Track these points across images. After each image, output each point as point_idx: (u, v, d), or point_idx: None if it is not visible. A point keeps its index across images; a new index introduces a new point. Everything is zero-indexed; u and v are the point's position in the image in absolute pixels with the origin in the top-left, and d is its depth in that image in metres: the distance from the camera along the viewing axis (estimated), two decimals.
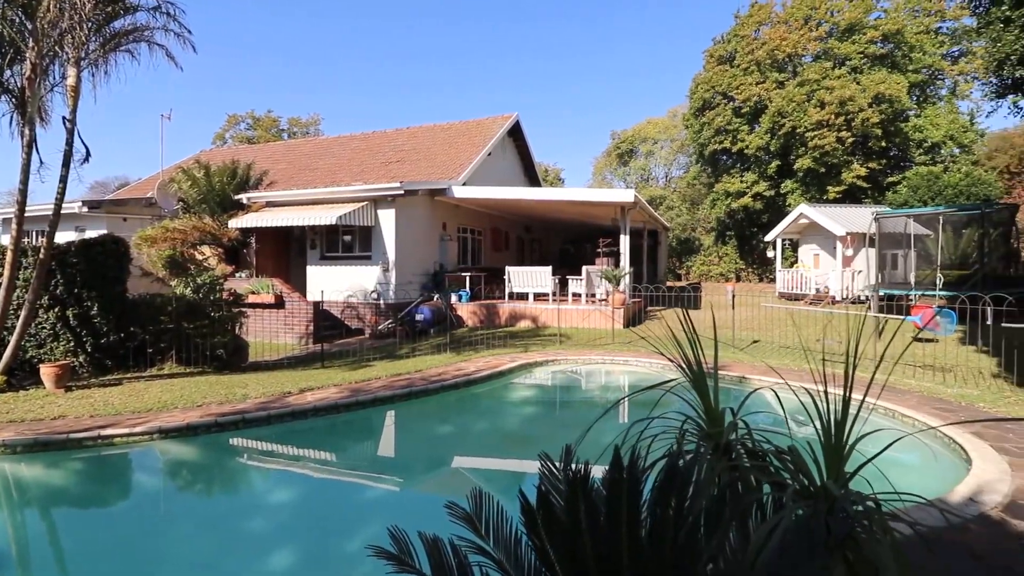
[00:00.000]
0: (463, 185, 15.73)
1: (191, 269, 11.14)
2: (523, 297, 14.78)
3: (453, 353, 9.93)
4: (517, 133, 22.02)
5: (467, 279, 15.37)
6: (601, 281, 14.30)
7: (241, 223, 13.71)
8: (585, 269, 14.82)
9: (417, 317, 12.81)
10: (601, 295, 14.57)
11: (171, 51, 8.30)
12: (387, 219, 13.77)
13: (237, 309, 9.86)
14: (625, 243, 14.49)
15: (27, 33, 7.13)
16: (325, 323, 12.77)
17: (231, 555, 3.81)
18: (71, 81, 7.43)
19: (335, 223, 13.00)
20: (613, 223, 16.52)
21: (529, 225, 23.79)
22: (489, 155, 18.80)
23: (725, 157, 34.80)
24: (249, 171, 15.79)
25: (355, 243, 14.45)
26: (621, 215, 14.64)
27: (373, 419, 6.76)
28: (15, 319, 7.56)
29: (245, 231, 14.23)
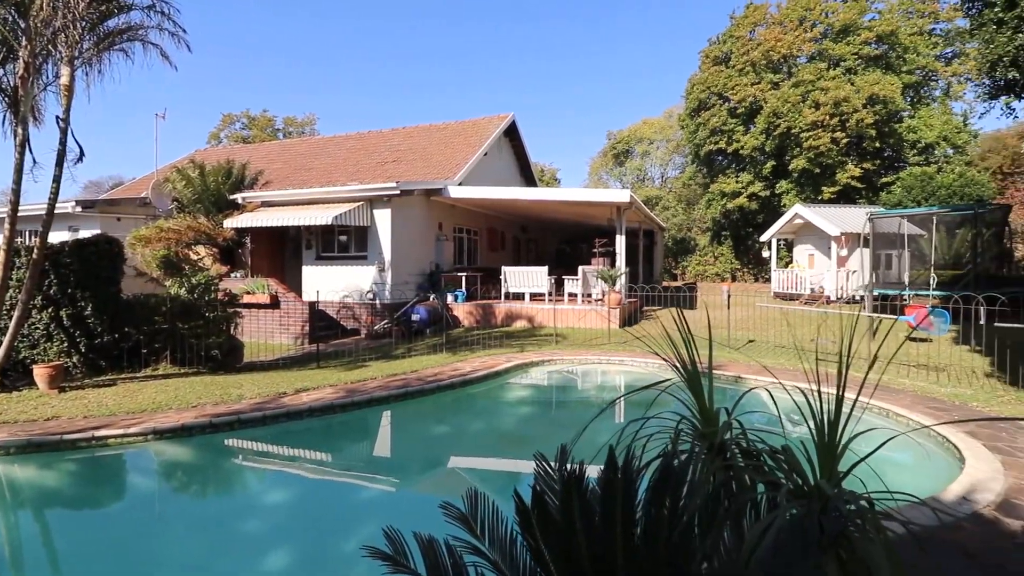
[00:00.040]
0: (459, 185, 15.72)
1: (186, 269, 11.08)
2: (519, 297, 14.78)
3: (449, 353, 9.92)
4: (513, 133, 22.02)
5: (463, 279, 15.36)
6: (597, 281, 14.31)
7: (236, 223, 13.66)
8: (581, 269, 14.83)
9: (413, 317, 12.79)
10: (597, 295, 14.58)
11: (165, 50, 8.27)
12: (383, 219, 13.75)
13: (232, 309, 9.82)
14: (621, 243, 14.51)
15: (20, 31, 7.08)
16: (321, 323, 12.74)
17: (226, 556, 3.80)
18: (65, 80, 7.38)
19: (331, 223, 12.97)
20: (609, 223, 16.54)
21: (525, 225, 23.80)
22: (485, 155, 18.79)
23: (721, 157, 34.91)
24: (244, 171, 15.75)
25: (351, 243, 14.42)
26: (617, 215, 14.66)
27: (369, 419, 6.75)
28: (8, 319, 7.51)
29: (240, 231, 14.18)
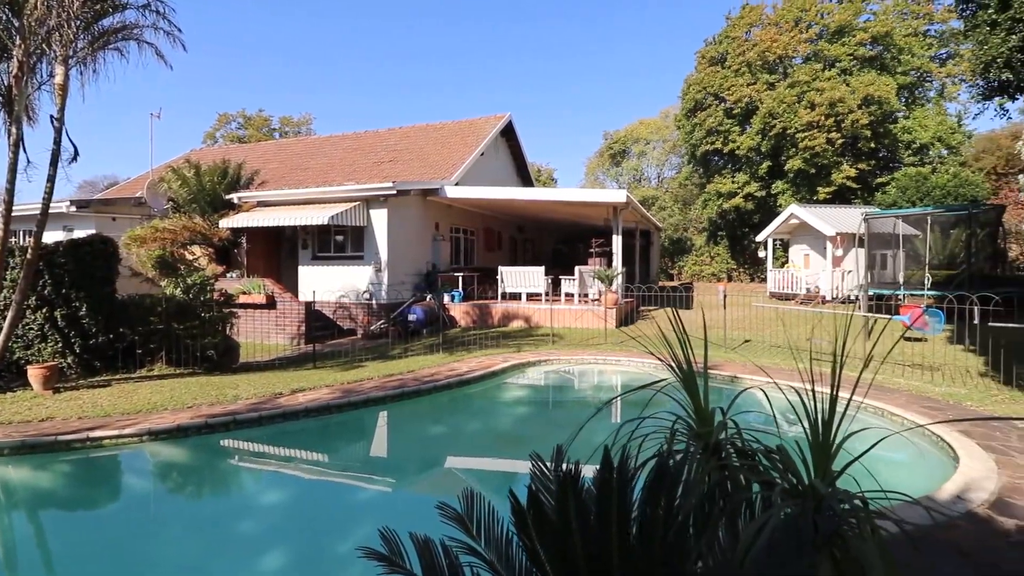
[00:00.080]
0: (456, 185, 15.71)
1: (181, 269, 11.06)
2: (516, 297, 14.79)
3: (446, 353, 9.91)
4: (510, 133, 22.02)
5: (460, 279, 15.36)
6: (594, 281, 14.33)
7: (232, 223, 13.62)
8: (578, 269, 14.84)
9: (410, 317, 12.78)
10: (594, 295, 14.60)
11: (161, 49, 8.23)
12: (379, 219, 13.73)
13: (228, 310, 9.79)
14: (617, 243, 14.53)
15: (14, 30, 7.04)
16: (317, 323, 12.71)
17: (222, 557, 3.79)
18: (59, 79, 7.34)
19: (327, 223, 12.95)
20: (606, 223, 16.57)
21: (522, 225, 23.80)
22: (482, 155, 18.79)
23: (716, 158, 34.99)
24: (240, 170, 15.70)
25: (347, 243, 14.40)
26: (613, 215, 14.68)
27: (365, 420, 6.74)
28: (2, 320, 7.46)
29: (236, 231, 14.14)
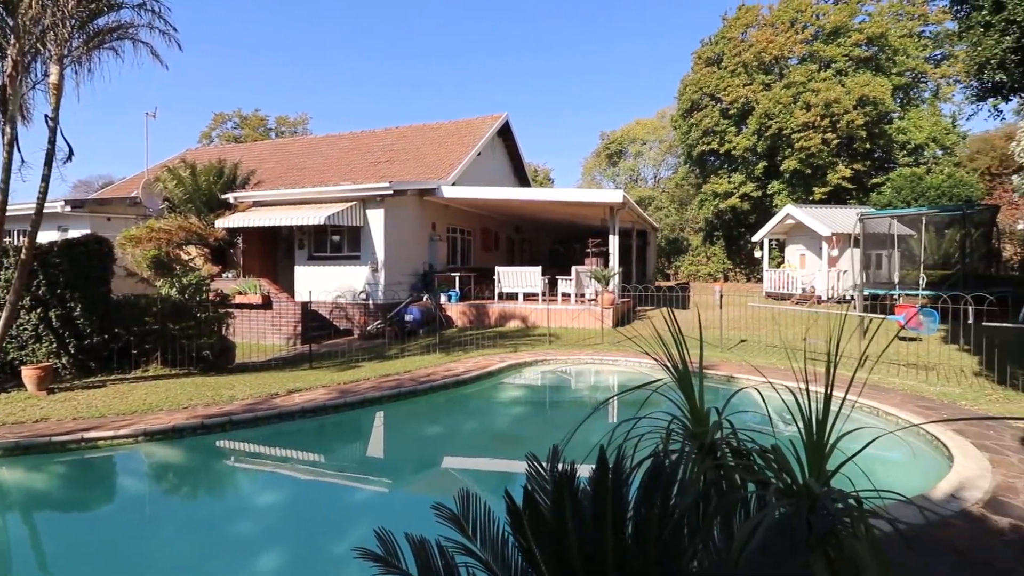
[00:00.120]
0: (452, 185, 15.71)
1: (177, 269, 11.02)
2: (513, 297, 14.79)
3: (442, 353, 9.91)
4: (507, 133, 22.04)
5: (457, 279, 15.35)
6: (590, 281, 14.35)
7: (228, 223, 13.58)
8: (574, 269, 14.86)
9: (406, 317, 12.77)
10: (590, 295, 14.61)
11: (156, 49, 8.21)
12: (376, 219, 13.71)
13: (224, 310, 9.76)
14: (614, 243, 14.55)
15: (8, 30, 7.01)
16: (313, 324, 12.69)
17: (217, 558, 3.78)
18: (54, 79, 7.31)
19: (323, 223, 12.92)
20: (602, 223, 16.59)
21: (519, 225, 23.81)
22: (479, 155, 18.79)
23: (713, 158, 35.07)
24: (236, 170, 15.64)
25: (343, 243, 14.37)
26: (610, 215, 14.70)
27: (361, 420, 6.73)
28: None
29: (232, 231, 14.10)
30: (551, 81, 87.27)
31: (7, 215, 7.49)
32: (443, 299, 14.49)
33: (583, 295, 14.82)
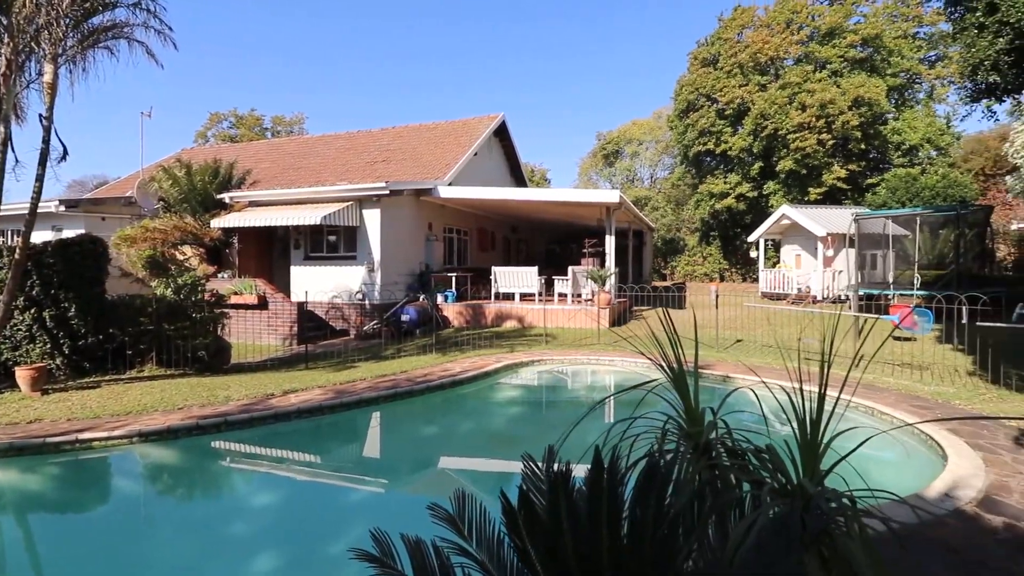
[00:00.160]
0: (449, 185, 15.70)
1: (172, 269, 10.95)
2: (509, 297, 14.79)
3: (439, 354, 9.90)
4: (503, 133, 22.03)
5: (453, 279, 15.34)
6: (587, 281, 14.36)
7: (223, 223, 13.54)
8: (571, 269, 14.87)
9: (403, 318, 12.75)
10: (587, 295, 14.63)
11: (151, 48, 8.18)
12: (372, 219, 13.69)
13: (219, 310, 9.74)
14: (611, 243, 14.57)
15: (2, 28, 6.97)
16: (309, 324, 12.66)
17: (213, 559, 3.77)
18: (48, 78, 7.28)
19: (319, 223, 12.89)
20: (599, 223, 16.60)
21: (515, 225, 23.81)
22: (475, 155, 18.78)
23: (709, 158, 35.14)
24: (232, 170, 15.61)
25: (340, 243, 14.35)
26: (607, 215, 14.71)
27: (358, 421, 6.72)
28: None
29: (227, 231, 14.06)
30: (550, 81, 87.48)
31: (1, 215, 7.45)
32: (439, 299, 14.48)
33: (579, 295, 14.83)
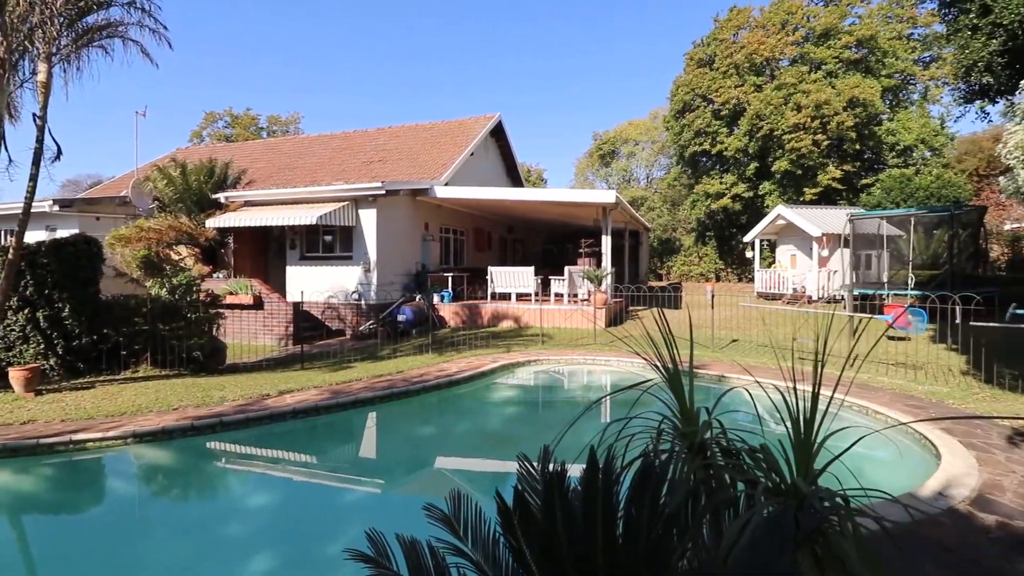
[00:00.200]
0: (445, 185, 15.69)
1: (167, 269, 10.91)
2: (506, 297, 14.79)
3: (435, 354, 9.89)
4: (500, 133, 22.02)
5: (449, 279, 15.33)
6: (583, 281, 14.37)
7: (219, 223, 13.49)
8: (567, 269, 14.88)
9: (399, 318, 12.73)
10: (583, 295, 14.64)
11: (146, 47, 8.15)
12: (368, 219, 13.67)
13: (214, 310, 9.69)
14: (607, 243, 14.59)
15: None
16: (305, 324, 12.62)
17: (208, 560, 3.75)
18: (42, 77, 7.24)
19: (315, 223, 12.86)
20: (595, 224, 16.62)
21: (512, 225, 23.81)
22: (472, 155, 18.77)
23: (705, 159, 35.24)
24: (227, 170, 15.55)
25: (336, 243, 14.32)
26: (603, 216, 14.73)
27: (354, 421, 6.71)
28: None
29: (223, 231, 14.01)
30: (548, 81, 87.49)
31: None
32: (436, 299, 14.46)
33: (576, 295, 14.84)
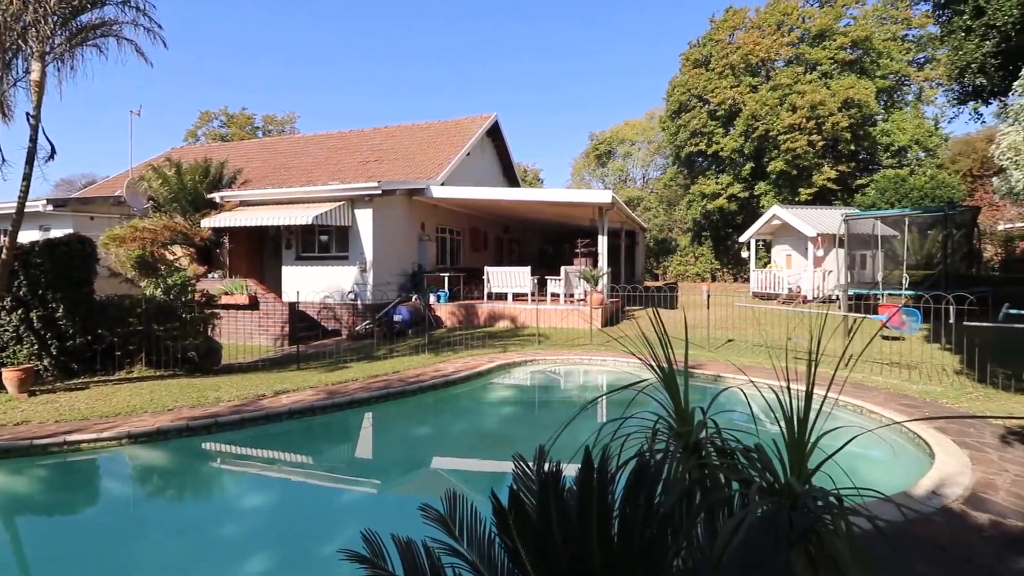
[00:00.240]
0: (441, 185, 15.69)
1: (161, 269, 10.86)
2: (502, 297, 14.79)
3: (431, 354, 9.89)
4: (496, 133, 22.03)
5: (446, 279, 15.32)
6: (579, 281, 14.39)
7: (214, 222, 13.45)
8: (564, 269, 14.89)
9: (395, 318, 12.72)
10: (579, 295, 14.66)
11: (141, 46, 8.11)
12: (364, 219, 13.65)
13: (210, 310, 9.67)
14: (603, 243, 14.61)
15: None
16: (301, 324, 12.60)
17: (203, 561, 3.74)
18: (35, 76, 7.20)
19: (311, 223, 12.83)
20: (591, 224, 16.64)
21: (508, 225, 23.82)
22: (468, 155, 18.77)
23: (701, 159, 35.32)
24: (222, 169, 15.50)
25: (332, 243, 14.29)
26: (599, 216, 14.75)
27: (350, 421, 6.70)
28: None
29: (218, 231, 13.96)
30: (546, 81, 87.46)
31: None
32: (432, 299, 14.46)
33: (572, 295, 14.85)
